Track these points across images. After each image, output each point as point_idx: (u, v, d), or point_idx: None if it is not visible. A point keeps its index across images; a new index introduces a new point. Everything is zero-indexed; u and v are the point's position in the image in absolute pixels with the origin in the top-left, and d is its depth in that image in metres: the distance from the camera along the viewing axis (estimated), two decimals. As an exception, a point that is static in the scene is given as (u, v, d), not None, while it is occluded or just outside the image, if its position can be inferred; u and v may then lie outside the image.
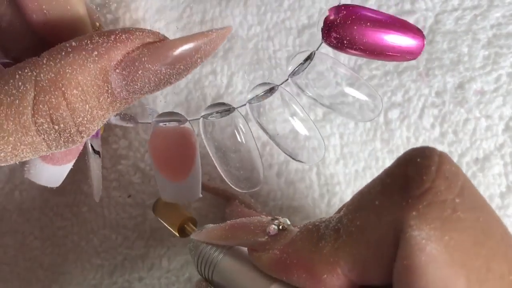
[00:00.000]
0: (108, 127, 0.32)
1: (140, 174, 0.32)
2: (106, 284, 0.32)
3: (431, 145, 0.32)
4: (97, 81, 0.20)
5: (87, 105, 0.20)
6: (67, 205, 0.32)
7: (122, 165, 0.32)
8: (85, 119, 0.20)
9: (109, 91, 0.20)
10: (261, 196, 0.32)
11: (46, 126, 0.20)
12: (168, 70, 0.20)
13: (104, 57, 0.20)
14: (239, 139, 0.29)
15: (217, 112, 0.28)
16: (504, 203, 0.32)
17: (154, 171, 0.28)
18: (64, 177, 0.27)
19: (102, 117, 0.21)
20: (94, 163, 0.28)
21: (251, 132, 0.29)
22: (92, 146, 0.28)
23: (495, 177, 0.32)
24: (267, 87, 0.28)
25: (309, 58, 0.28)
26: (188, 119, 0.28)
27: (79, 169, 0.32)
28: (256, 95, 0.28)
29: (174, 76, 0.21)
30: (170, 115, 0.28)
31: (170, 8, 0.32)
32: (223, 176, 0.29)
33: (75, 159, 0.27)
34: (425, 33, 0.32)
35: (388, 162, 0.32)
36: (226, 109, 0.28)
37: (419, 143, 0.32)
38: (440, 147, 0.32)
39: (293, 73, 0.28)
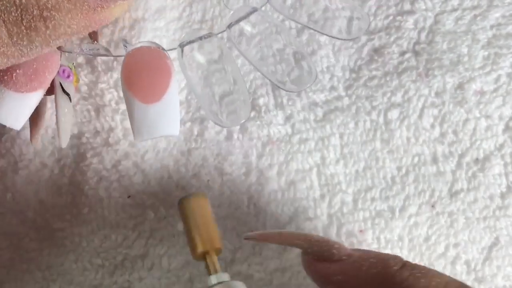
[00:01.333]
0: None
1: (140, 174, 0.32)
2: (106, 284, 0.32)
3: (431, 145, 0.32)
4: None
5: None
6: (65, 206, 0.32)
7: (122, 165, 0.32)
8: (50, 2, 0.19)
9: None
10: (262, 197, 0.32)
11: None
12: None
13: None
14: (221, 63, 0.27)
15: (197, 38, 0.27)
16: (504, 203, 0.32)
17: (124, 95, 0.27)
18: (27, 116, 0.26)
19: (69, 14, 0.20)
20: (62, 102, 0.27)
21: (234, 58, 0.28)
22: (61, 84, 0.27)
23: (495, 177, 0.32)
24: (247, 10, 0.27)
25: None
26: (166, 49, 0.27)
27: (78, 170, 0.32)
28: (236, 20, 0.27)
29: None
30: (148, 43, 0.27)
31: (170, 7, 0.32)
32: (204, 106, 0.27)
33: (41, 93, 0.25)
34: (424, 33, 0.32)
35: (388, 162, 0.32)
36: (205, 36, 0.27)
37: (419, 143, 0.32)
38: (440, 147, 0.32)
39: None
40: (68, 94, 0.27)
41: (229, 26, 0.27)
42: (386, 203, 0.32)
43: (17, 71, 0.25)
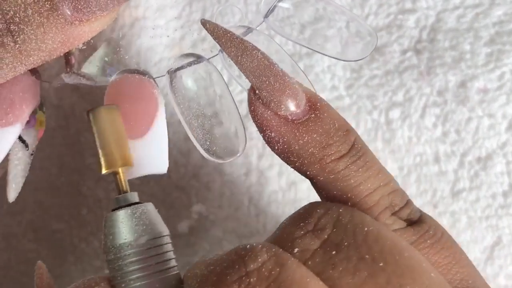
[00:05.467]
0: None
1: (139, 174, 0.32)
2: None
3: (433, 144, 0.32)
4: None
5: None
6: (64, 206, 0.32)
7: (121, 165, 0.32)
8: (18, 16, 0.18)
9: None
10: (262, 197, 0.32)
11: None
12: None
13: None
14: (211, 90, 0.26)
15: (184, 66, 0.25)
16: (506, 202, 0.32)
17: None
18: (5, 151, 0.24)
19: (41, 27, 0.19)
20: (15, 150, 0.25)
21: (227, 86, 0.26)
22: (20, 135, 0.25)
23: (498, 176, 0.32)
24: (241, 30, 0.26)
25: None
26: (153, 76, 0.25)
27: (76, 170, 0.32)
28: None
29: None
30: (132, 72, 0.25)
31: (170, 6, 0.32)
32: (192, 138, 0.26)
33: (19, 127, 0.24)
34: (426, 31, 0.32)
35: (390, 162, 0.32)
36: (195, 60, 0.25)
37: (421, 143, 0.32)
38: (442, 147, 0.32)
39: (268, 13, 0.26)
40: (24, 142, 0.25)
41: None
42: (387, 203, 0.32)
43: None
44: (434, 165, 0.32)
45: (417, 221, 0.23)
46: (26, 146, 0.26)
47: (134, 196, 0.25)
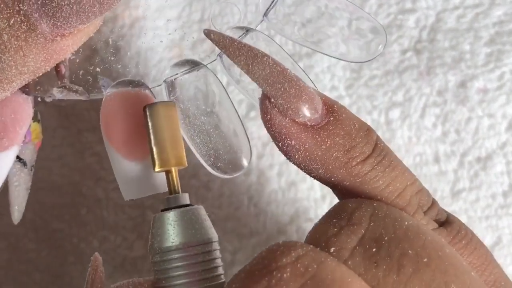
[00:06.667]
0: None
1: (139, 174, 0.32)
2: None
3: (432, 144, 0.32)
4: None
5: None
6: (64, 206, 0.32)
7: (121, 165, 0.32)
8: None
9: (22, 12, 0.17)
10: (262, 197, 0.32)
11: None
12: None
13: None
14: (211, 101, 0.24)
15: (182, 73, 0.24)
16: (506, 202, 0.32)
17: (105, 145, 0.24)
18: (4, 176, 0.23)
19: (19, 52, 0.18)
20: (14, 170, 0.24)
21: (227, 93, 0.25)
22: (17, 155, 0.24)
23: (498, 176, 0.32)
24: (239, 32, 0.24)
25: None
26: (150, 86, 0.24)
27: (77, 170, 0.32)
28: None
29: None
30: (127, 84, 0.24)
31: (169, 6, 0.32)
32: (197, 154, 0.25)
33: (15, 150, 0.23)
34: (426, 31, 0.32)
35: (390, 162, 0.32)
36: (193, 67, 0.24)
37: (421, 143, 0.32)
38: (442, 147, 0.32)
39: (267, 12, 0.24)
40: (21, 160, 0.25)
41: (220, 54, 0.24)
42: (387, 203, 0.32)
43: None
44: (434, 165, 0.32)
45: (445, 222, 0.22)
46: (24, 164, 0.25)
47: (185, 198, 0.24)
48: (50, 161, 0.32)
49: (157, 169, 0.23)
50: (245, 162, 0.25)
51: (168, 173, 0.24)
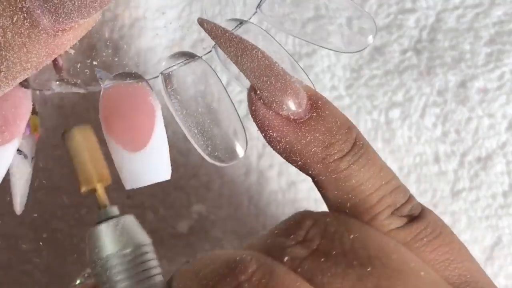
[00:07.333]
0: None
1: (139, 174, 0.32)
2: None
3: (432, 144, 0.32)
4: None
5: None
6: (64, 206, 0.32)
7: (121, 165, 0.32)
8: None
9: (24, 9, 0.18)
10: (262, 197, 0.32)
11: None
12: None
13: None
14: (207, 92, 0.25)
15: (179, 64, 0.24)
16: (506, 202, 0.32)
17: (105, 138, 0.24)
18: (5, 169, 0.23)
19: (23, 48, 0.18)
20: (15, 163, 0.25)
21: (224, 87, 0.25)
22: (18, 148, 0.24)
23: (498, 176, 0.32)
24: (233, 24, 0.25)
25: None
26: (146, 78, 0.24)
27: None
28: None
29: None
30: (125, 76, 0.24)
31: (170, 6, 0.32)
32: (195, 145, 0.25)
33: (16, 142, 0.23)
34: (426, 31, 0.32)
35: (390, 162, 0.32)
36: (188, 59, 0.24)
37: (421, 143, 0.32)
38: (442, 147, 0.32)
39: (261, 3, 0.25)
40: (22, 153, 0.25)
41: (214, 46, 0.24)
42: (387, 203, 0.32)
43: None
44: (434, 165, 0.32)
45: (417, 217, 0.23)
46: (25, 156, 0.25)
47: (114, 210, 0.26)
48: (49, 161, 0.32)
49: (82, 189, 0.26)
50: (241, 151, 0.25)
51: (94, 190, 0.26)
